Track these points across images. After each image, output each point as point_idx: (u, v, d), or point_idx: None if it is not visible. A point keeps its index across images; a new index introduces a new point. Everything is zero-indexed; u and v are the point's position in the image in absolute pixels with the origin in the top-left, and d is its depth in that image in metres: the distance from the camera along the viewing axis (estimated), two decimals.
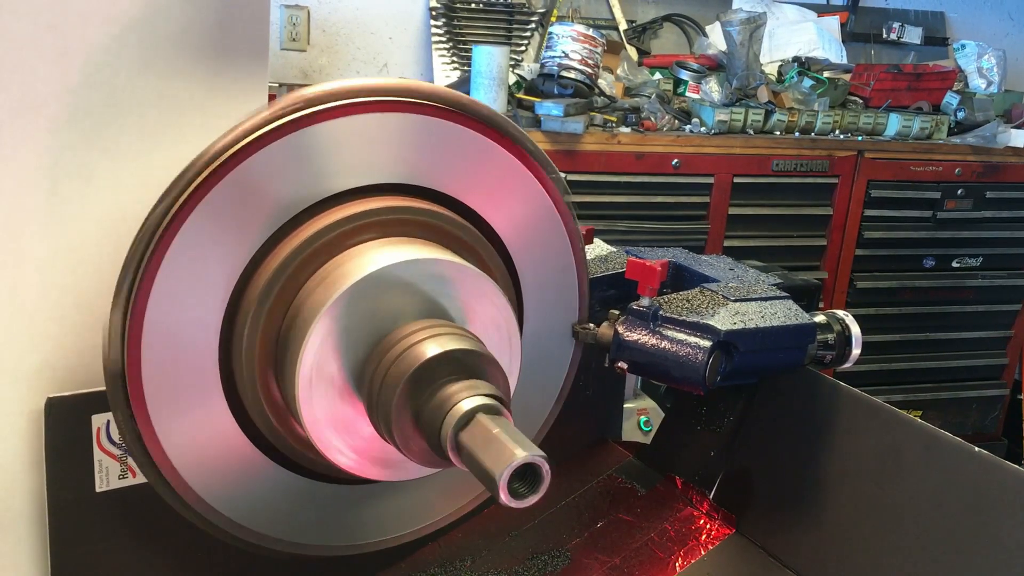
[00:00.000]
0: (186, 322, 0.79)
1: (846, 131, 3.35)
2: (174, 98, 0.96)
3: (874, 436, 0.95)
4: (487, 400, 0.72)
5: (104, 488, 0.90)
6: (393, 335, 0.77)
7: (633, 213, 3.11)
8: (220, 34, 0.97)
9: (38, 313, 0.91)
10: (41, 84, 0.88)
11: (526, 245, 0.94)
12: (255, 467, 0.87)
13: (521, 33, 3.42)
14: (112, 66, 0.91)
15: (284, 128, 0.78)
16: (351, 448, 0.80)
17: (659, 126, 3.14)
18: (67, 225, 0.92)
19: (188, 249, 0.77)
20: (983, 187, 3.47)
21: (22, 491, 0.93)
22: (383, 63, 3.64)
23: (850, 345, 1.08)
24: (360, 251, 0.82)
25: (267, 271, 0.80)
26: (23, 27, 0.86)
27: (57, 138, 0.89)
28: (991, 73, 3.88)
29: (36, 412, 0.90)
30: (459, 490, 1.00)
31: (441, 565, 1.02)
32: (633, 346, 0.96)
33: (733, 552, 1.03)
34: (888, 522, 0.92)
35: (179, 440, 0.82)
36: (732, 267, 1.17)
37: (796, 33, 3.87)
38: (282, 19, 3.45)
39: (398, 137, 0.84)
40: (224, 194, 0.77)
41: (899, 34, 4.11)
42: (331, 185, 0.83)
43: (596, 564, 1.01)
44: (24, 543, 0.94)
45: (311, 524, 0.93)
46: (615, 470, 1.18)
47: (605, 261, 1.15)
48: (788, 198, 3.31)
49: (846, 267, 3.44)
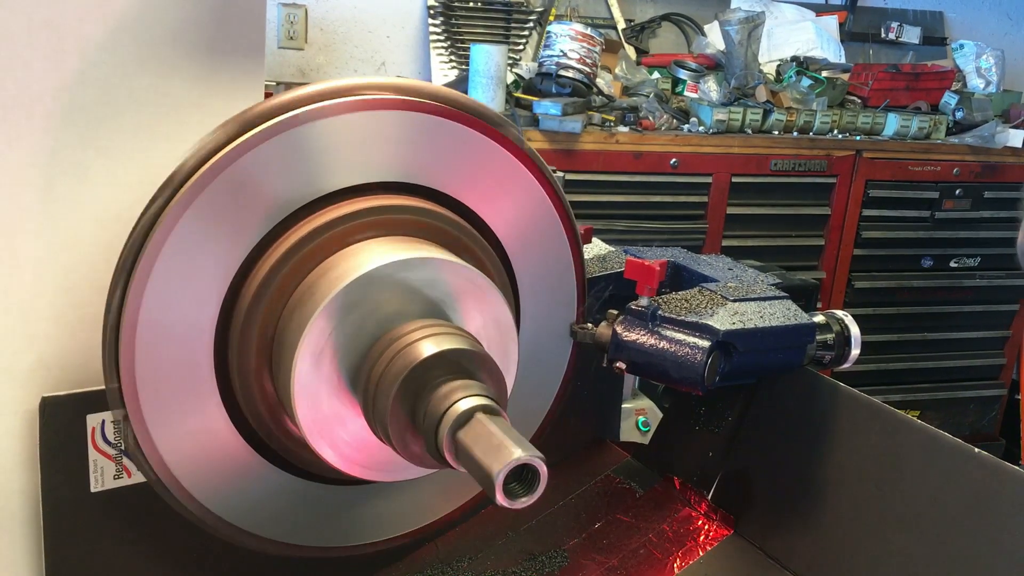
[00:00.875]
0: (181, 321, 0.79)
1: (844, 131, 3.35)
2: (170, 96, 0.95)
3: (873, 437, 0.95)
4: (484, 400, 0.71)
5: (99, 488, 0.90)
6: (389, 334, 0.76)
7: (631, 212, 3.11)
8: (216, 32, 0.97)
9: (32, 312, 0.91)
10: (36, 81, 0.87)
11: (523, 244, 0.94)
12: (250, 467, 0.87)
13: (519, 32, 3.42)
14: (107, 63, 0.90)
15: (279, 125, 0.78)
16: (346, 448, 0.80)
17: (657, 125, 3.13)
18: (62, 224, 0.91)
19: (183, 247, 0.76)
20: (981, 187, 3.47)
21: (16, 491, 0.93)
22: (381, 62, 3.64)
23: (849, 345, 1.07)
24: (356, 250, 0.81)
25: (263, 269, 0.79)
26: (18, 23, 0.85)
27: (52, 136, 0.89)
28: (989, 73, 3.88)
29: (30, 412, 0.90)
30: (456, 491, 1.00)
31: (439, 566, 1.01)
32: (631, 346, 0.96)
33: (731, 553, 1.02)
34: (887, 523, 0.91)
35: (174, 440, 0.81)
36: (731, 267, 1.17)
37: (794, 32, 3.87)
38: (280, 17, 3.44)
39: (394, 135, 0.83)
40: (219, 192, 0.77)
41: (897, 34, 4.11)
42: (327, 184, 0.82)
43: (594, 565, 1.01)
44: (19, 543, 0.94)
45: (307, 524, 0.92)
46: (613, 470, 1.17)
47: (604, 261, 1.15)
48: (786, 198, 3.31)
49: (844, 267, 3.44)
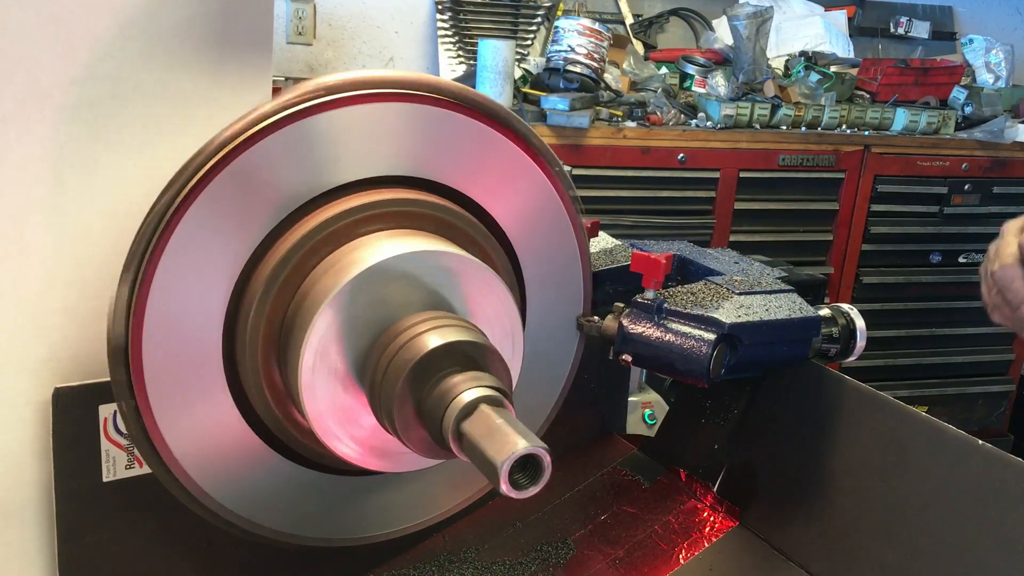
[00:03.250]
0: (190, 311, 0.79)
1: (853, 126, 3.34)
2: (178, 90, 0.96)
3: (878, 429, 0.95)
4: (489, 391, 0.72)
5: (111, 478, 0.91)
6: (396, 326, 0.77)
7: (639, 207, 3.11)
8: (224, 26, 0.97)
9: (43, 304, 0.92)
10: (46, 76, 0.88)
11: (529, 238, 0.94)
12: (258, 457, 0.87)
13: (527, 27, 3.42)
14: (116, 58, 0.91)
15: (289, 118, 0.78)
16: (353, 439, 0.81)
17: (665, 120, 3.13)
18: (71, 217, 0.92)
19: (192, 238, 0.77)
20: (990, 182, 3.46)
21: (29, 481, 0.94)
22: (389, 57, 3.64)
23: (855, 338, 1.07)
24: (364, 243, 0.82)
25: (272, 261, 0.80)
26: (28, 18, 0.86)
27: (62, 130, 0.89)
28: (999, 68, 3.87)
29: (42, 403, 0.91)
30: (463, 482, 1.01)
31: (446, 556, 1.02)
32: (638, 339, 0.96)
33: (736, 544, 1.03)
34: (892, 515, 0.92)
35: (181, 429, 0.82)
36: (737, 260, 1.17)
37: (803, 27, 3.86)
38: (288, 13, 3.45)
39: (402, 128, 0.84)
40: (229, 183, 0.77)
41: (906, 28, 4.09)
42: (335, 177, 0.83)
43: (600, 556, 1.01)
44: (31, 532, 0.95)
45: (315, 515, 0.93)
46: (619, 463, 1.18)
47: (610, 254, 1.15)
48: (794, 193, 3.31)
49: (852, 262, 3.43)
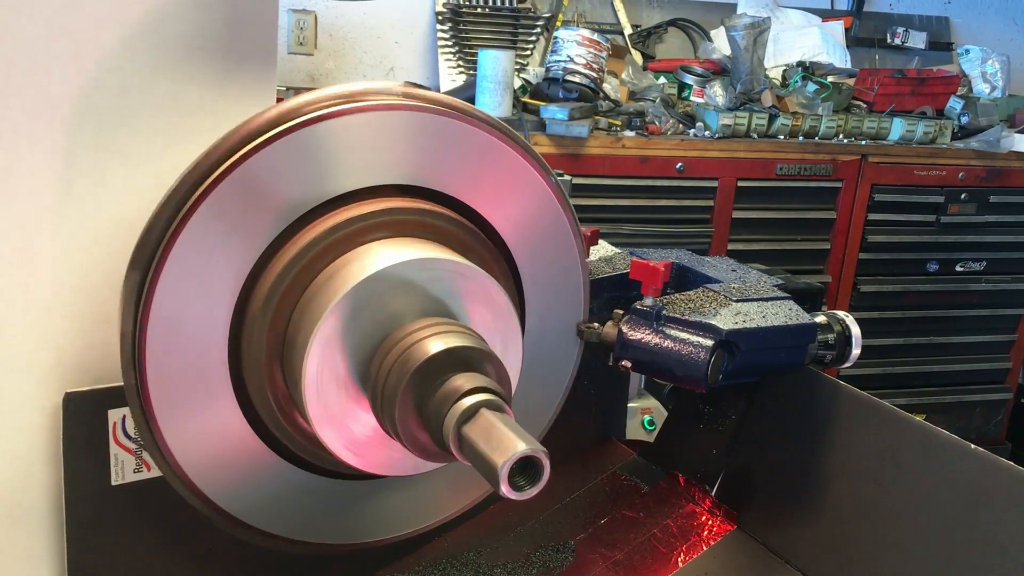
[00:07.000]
0: (195, 319, 0.81)
1: (850, 135, 3.36)
2: (184, 101, 0.97)
3: (873, 434, 0.97)
4: (489, 396, 0.73)
5: (120, 482, 0.92)
6: (397, 333, 0.78)
7: (637, 216, 3.13)
8: (229, 38, 0.99)
9: (52, 311, 0.93)
10: (55, 87, 0.89)
11: (528, 246, 0.96)
12: (263, 463, 0.89)
13: (527, 37, 3.44)
14: (123, 69, 0.93)
15: (290, 128, 0.80)
16: (356, 444, 0.82)
17: (663, 130, 3.15)
18: (80, 225, 0.93)
19: (195, 247, 0.79)
20: (987, 191, 3.47)
21: (39, 485, 0.95)
22: (389, 67, 3.67)
23: (850, 345, 1.09)
24: (365, 251, 0.83)
25: (275, 269, 0.82)
26: (37, 31, 0.88)
27: (70, 140, 0.91)
28: (995, 78, 3.89)
29: (51, 407, 0.92)
30: (464, 486, 1.02)
31: (447, 560, 1.03)
32: (637, 345, 0.98)
33: (734, 547, 1.04)
34: (886, 518, 0.93)
35: (186, 436, 0.84)
36: (734, 268, 1.18)
37: (800, 38, 3.88)
38: (290, 23, 3.48)
39: (402, 138, 0.85)
40: (231, 193, 0.79)
41: (903, 39, 4.12)
42: (338, 186, 0.84)
43: (599, 559, 1.02)
44: (41, 535, 0.96)
45: (318, 520, 0.94)
46: (619, 467, 1.19)
47: (610, 262, 1.17)
48: (792, 202, 3.32)
49: (850, 271, 3.44)
